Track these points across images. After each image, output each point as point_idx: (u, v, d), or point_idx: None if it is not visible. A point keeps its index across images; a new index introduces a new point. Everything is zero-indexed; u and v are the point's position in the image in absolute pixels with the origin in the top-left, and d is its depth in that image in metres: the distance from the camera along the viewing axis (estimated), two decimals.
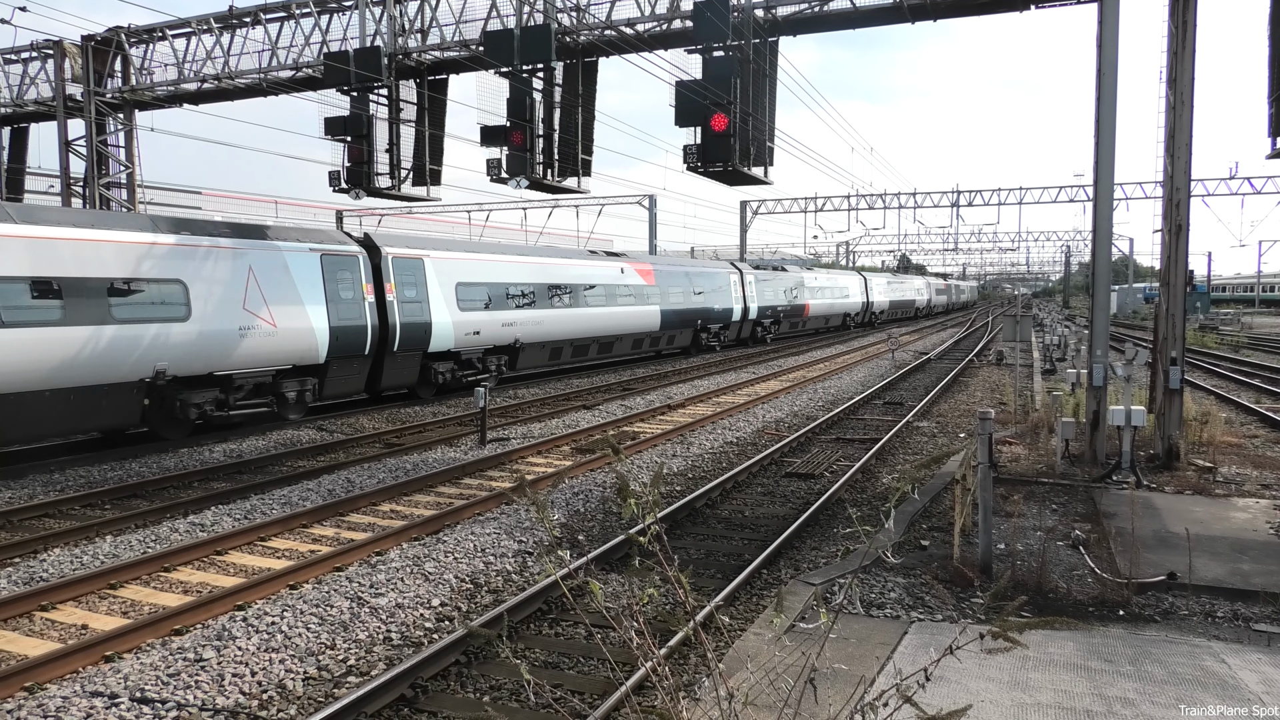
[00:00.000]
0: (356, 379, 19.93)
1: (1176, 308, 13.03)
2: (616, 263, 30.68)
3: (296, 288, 18.06)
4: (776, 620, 3.64)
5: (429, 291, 21.55)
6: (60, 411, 14.07)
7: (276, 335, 17.46)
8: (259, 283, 17.32)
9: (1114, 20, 12.52)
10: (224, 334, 16.46)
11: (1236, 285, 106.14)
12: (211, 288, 16.38)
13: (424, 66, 19.43)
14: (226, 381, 16.77)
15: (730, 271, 39.49)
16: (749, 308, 40.30)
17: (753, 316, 40.92)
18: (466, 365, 23.16)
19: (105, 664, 6.81)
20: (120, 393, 14.84)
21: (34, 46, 23.59)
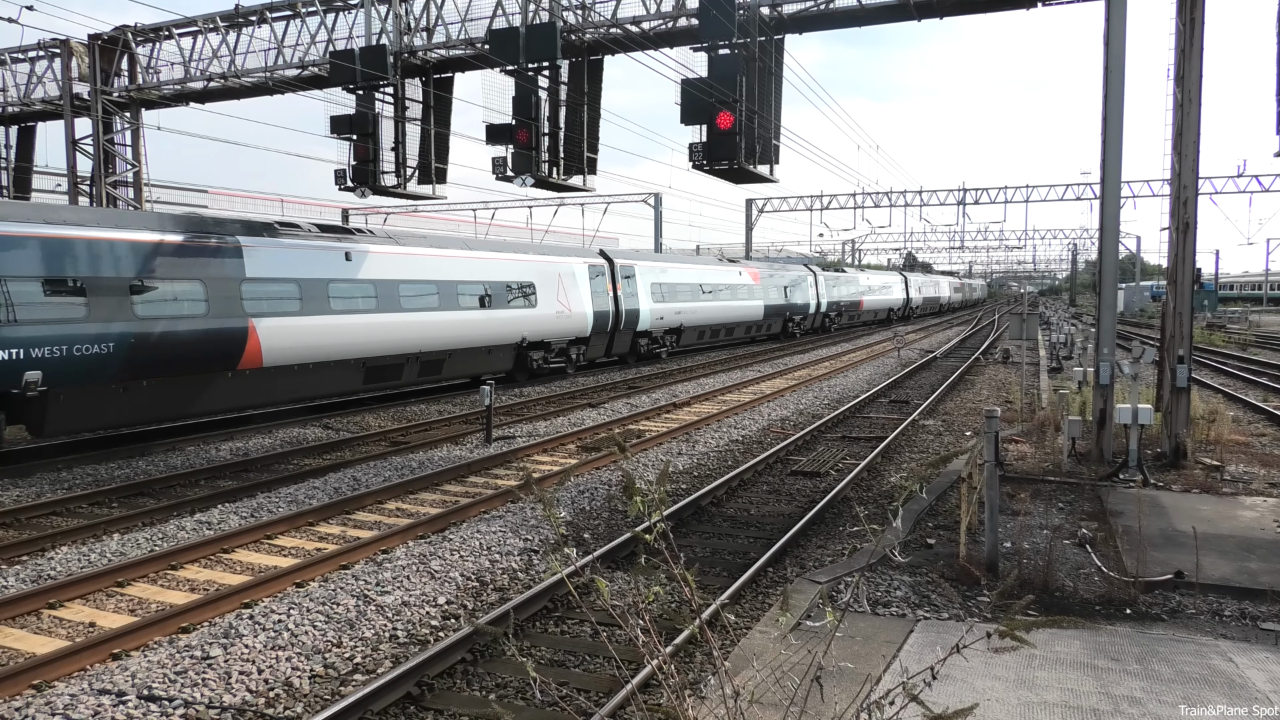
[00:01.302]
0: (600, 347, 28.83)
1: (1184, 306, 12.99)
2: (736, 267, 40.11)
3: (579, 288, 26.96)
4: (782, 618, 3.64)
5: (639, 289, 30.39)
6: (487, 359, 23.44)
7: (570, 317, 26.28)
8: (563, 285, 26.16)
9: (1122, 18, 12.48)
10: (550, 316, 25.45)
11: (1244, 283, 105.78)
12: (544, 287, 25.29)
13: (429, 65, 19.45)
14: (548, 345, 25.73)
15: (808, 273, 47.96)
16: (821, 302, 48.97)
17: (823, 310, 49.60)
18: (655, 341, 32.08)
19: (113, 662, 6.83)
20: (508, 349, 24.16)
21: (41, 46, 23.69)
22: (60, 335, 13.61)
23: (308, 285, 17.72)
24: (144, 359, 14.75)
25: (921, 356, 34.00)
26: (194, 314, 15.60)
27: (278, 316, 16.95)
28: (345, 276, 18.65)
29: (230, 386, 16.41)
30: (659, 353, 32.51)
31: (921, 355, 34.75)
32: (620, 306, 28.94)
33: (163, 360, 15.04)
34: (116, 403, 14.72)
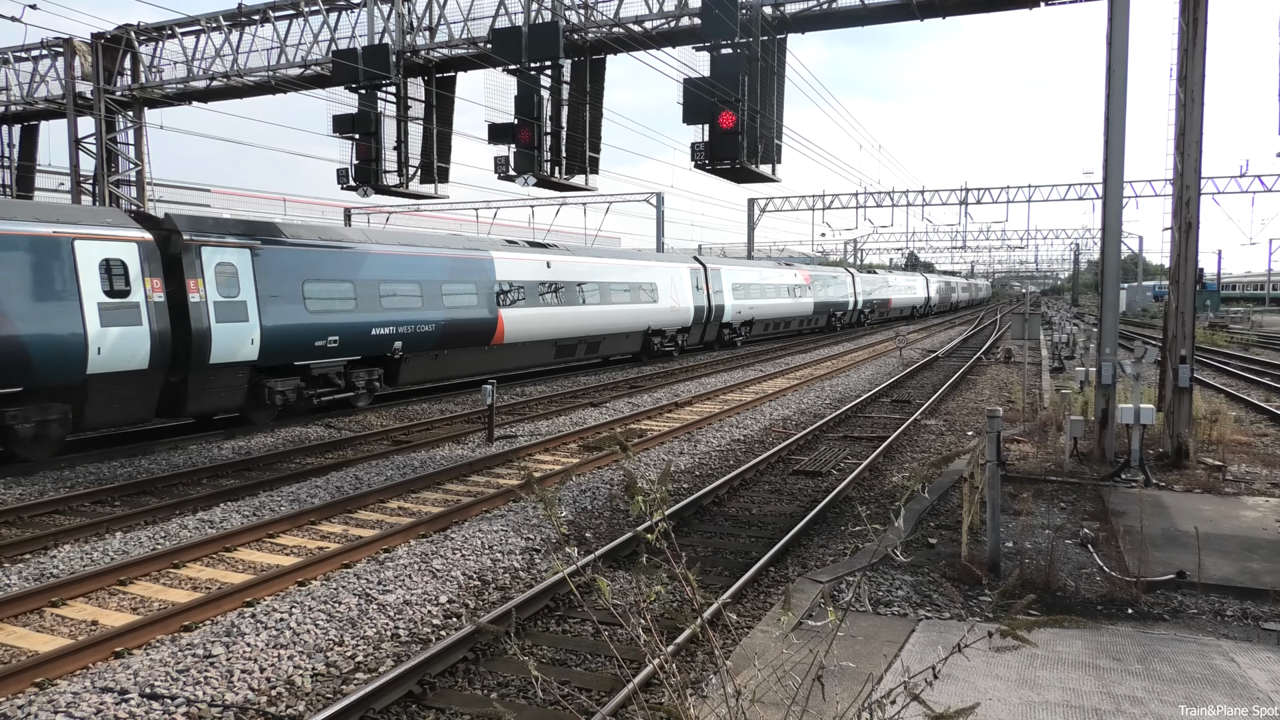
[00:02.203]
0: (697, 335, 35.22)
1: (1186, 306, 12.98)
2: (792, 270, 46.60)
3: (684, 287, 33.28)
4: (784, 618, 3.65)
5: (724, 288, 36.60)
6: (626, 341, 30.00)
7: (678, 311, 32.71)
8: (674, 284, 32.50)
9: (1124, 17, 12.47)
10: (667, 309, 31.76)
11: (1246, 283, 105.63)
12: (662, 287, 31.65)
13: (432, 64, 19.45)
14: (663, 332, 32.10)
15: (847, 274, 55.10)
16: (858, 300, 55.79)
17: (859, 307, 56.45)
18: (735, 331, 38.52)
19: (115, 660, 6.84)
20: (639, 335, 30.68)
21: (44, 44, 23.69)
22: (409, 320, 20.08)
23: (529, 286, 24.47)
24: (448, 336, 21.35)
25: (923, 356, 33.98)
26: (471, 306, 22.14)
27: (513, 308, 23.62)
28: (548, 279, 25.29)
29: (486, 356, 23.13)
30: (735, 340, 38.79)
31: (923, 355, 34.73)
32: (711, 302, 35.41)
33: (456, 337, 21.65)
34: (432, 365, 21.39)
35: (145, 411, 15.49)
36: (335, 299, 18.32)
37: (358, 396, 19.47)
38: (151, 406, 15.53)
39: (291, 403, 17.89)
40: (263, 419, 17.65)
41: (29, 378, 13.44)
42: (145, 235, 15.23)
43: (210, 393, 16.34)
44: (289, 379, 17.73)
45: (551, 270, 25.42)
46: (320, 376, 18.45)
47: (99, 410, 14.60)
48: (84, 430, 15.18)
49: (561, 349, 26.36)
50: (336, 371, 18.78)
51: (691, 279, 34.02)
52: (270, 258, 17.29)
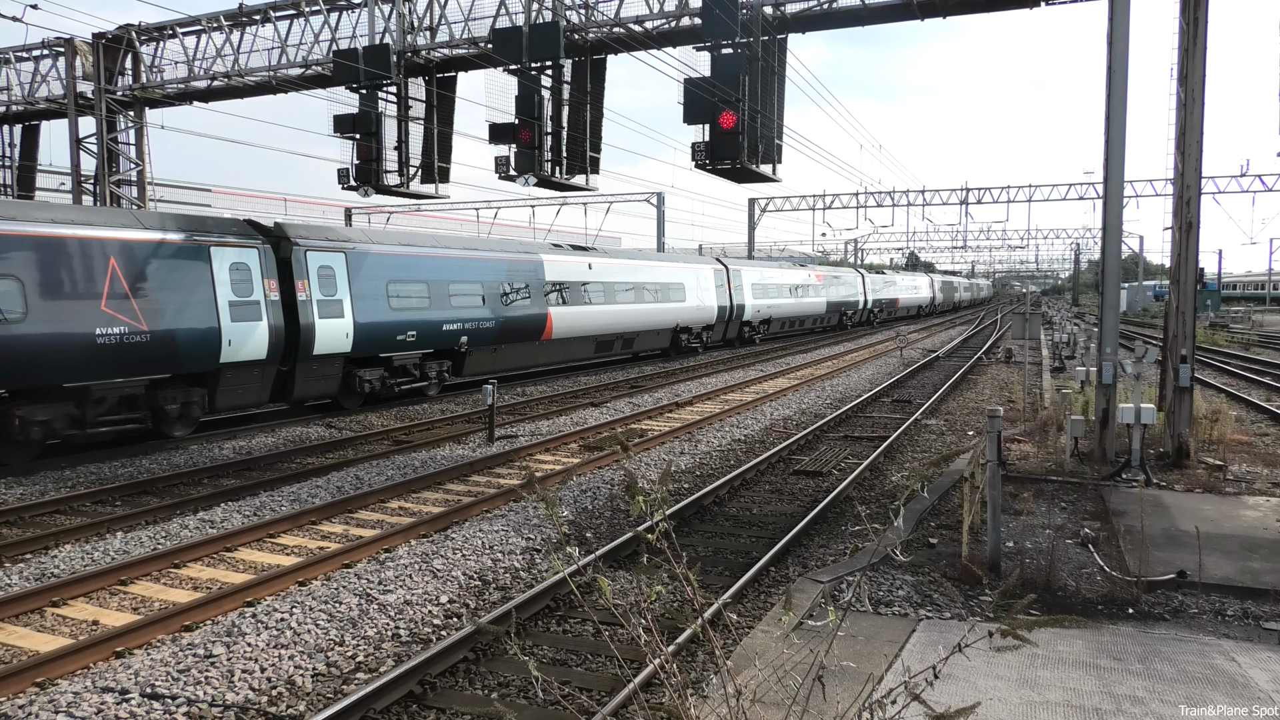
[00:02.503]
0: (720, 332, 37.45)
1: (1186, 305, 12.98)
2: (806, 270, 48.96)
3: (709, 287, 35.60)
4: (785, 618, 3.65)
5: (744, 288, 38.83)
6: (656, 338, 32.22)
7: (703, 310, 34.89)
8: (700, 285, 34.82)
9: (1125, 17, 12.46)
10: (693, 308, 33.98)
11: (1247, 283, 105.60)
12: (689, 287, 33.87)
13: (433, 64, 19.46)
14: (690, 330, 34.51)
15: (857, 275, 57.45)
16: (867, 300, 58.08)
17: (869, 306, 58.72)
18: (754, 328, 40.69)
19: (116, 660, 6.84)
20: (668, 332, 32.98)
21: (45, 44, 23.70)
22: (474, 317, 22.18)
23: (574, 286, 26.50)
24: (505, 332, 23.33)
25: (924, 356, 33.97)
26: (525, 304, 24.15)
27: (560, 306, 25.63)
28: (590, 280, 27.36)
29: (536, 350, 25.25)
30: (754, 337, 41.10)
31: (924, 355, 34.73)
32: (733, 301, 37.66)
33: (512, 332, 23.60)
34: (491, 358, 23.39)
35: (262, 396, 17.49)
36: (413, 298, 20.44)
37: (430, 385, 21.65)
38: (267, 392, 17.55)
39: (376, 390, 19.87)
40: (352, 404, 19.88)
41: (177, 366, 15.50)
42: (259, 241, 17.22)
43: (313, 380, 18.31)
44: (375, 369, 19.78)
45: (592, 271, 27.69)
46: (400, 367, 20.55)
47: (227, 394, 16.72)
48: (215, 412, 17.03)
49: (601, 344, 28.71)
50: (413, 363, 20.96)
51: (715, 280, 36.40)
52: (360, 261, 19.32)
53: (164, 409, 15.60)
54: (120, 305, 14.48)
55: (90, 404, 14.42)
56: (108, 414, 14.82)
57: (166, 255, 15.38)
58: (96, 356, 14.12)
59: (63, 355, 13.73)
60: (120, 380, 14.66)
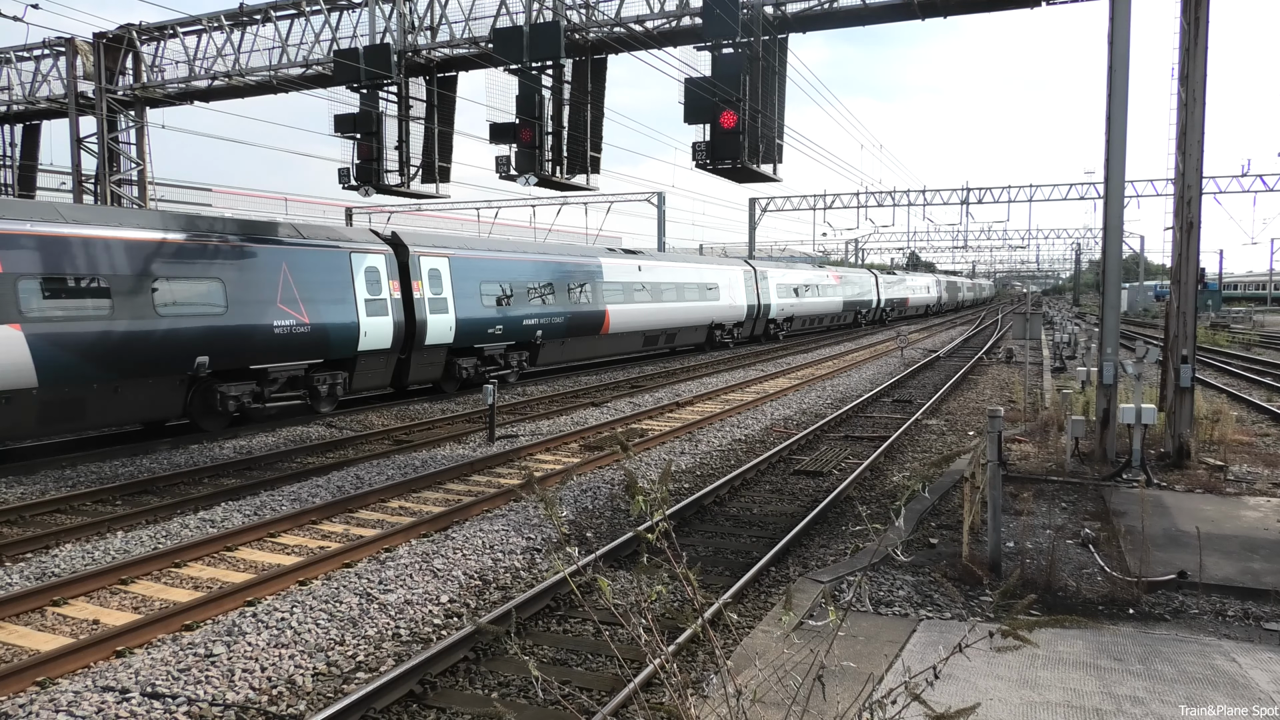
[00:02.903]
0: (748, 329, 40.44)
1: (1187, 305, 12.97)
2: (825, 271, 52.24)
3: (740, 287, 38.56)
4: (785, 618, 3.65)
5: (770, 287, 41.87)
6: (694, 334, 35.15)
7: (735, 308, 37.90)
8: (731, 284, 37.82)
9: (1126, 17, 12.46)
10: (726, 306, 37.09)
11: (1248, 283, 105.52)
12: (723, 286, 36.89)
13: (433, 64, 19.46)
14: (722, 326, 37.56)
15: (870, 275, 60.35)
16: (880, 299, 61.14)
17: (881, 305, 61.82)
18: (778, 325, 43.57)
19: (116, 659, 6.85)
20: (704, 328, 35.93)
21: (46, 44, 23.71)
22: (547, 313, 25.20)
23: (627, 286, 29.65)
24: (571, 327, 26.36)
25: (925, 356, 33.97)
26: (587, 302, 27.22)
27: (615, 304, 28.70)
28: (639, 281, 30.48)
29: (595, 343, 28.38)
30: (778, 334, 44.08)
31: (925, 355, 34.72)
32: (760, 300, 40.59)
33: (577, 327, 26.69)
34: (559, 349, 26.56)
35: (386, 379, 20.54)
36: (500, 296, 23.55)
37: (511, 373, 24.48)
38: (389, 376, 20.56)
39: (470, 376, 22.85)
40: (450, 388, 22.75)
41: (328, 352, 18.41)
42: (388, 248, 20.22)
43: (424, 367, 21.37)
44: (470, 358, 22.89)
45: (642, 273, 30.92)
46: (489, 356, 23.63)
47: (362, 377, 19.66)
48: (351, 393, 19.88)
49: (648, 339, 31.96)
50: (499, 353, 24.01)
51: (745, 280, 39.34)
52: (460, 264, 22.27)
53: (317, 389, 18.55)
54: (290, 303, 17.51)
55: (267, 383, 17.41)
56: (278, 392, 17.74)
57: (321, 261, 18.43)
58: (274, 344, 17.18)
59: (251, 343, 16.75)
60: (289, 364, 17.73)
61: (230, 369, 16.49)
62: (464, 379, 22.72)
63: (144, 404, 15.31)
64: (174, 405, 15.88)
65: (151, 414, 15.74)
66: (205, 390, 16.33)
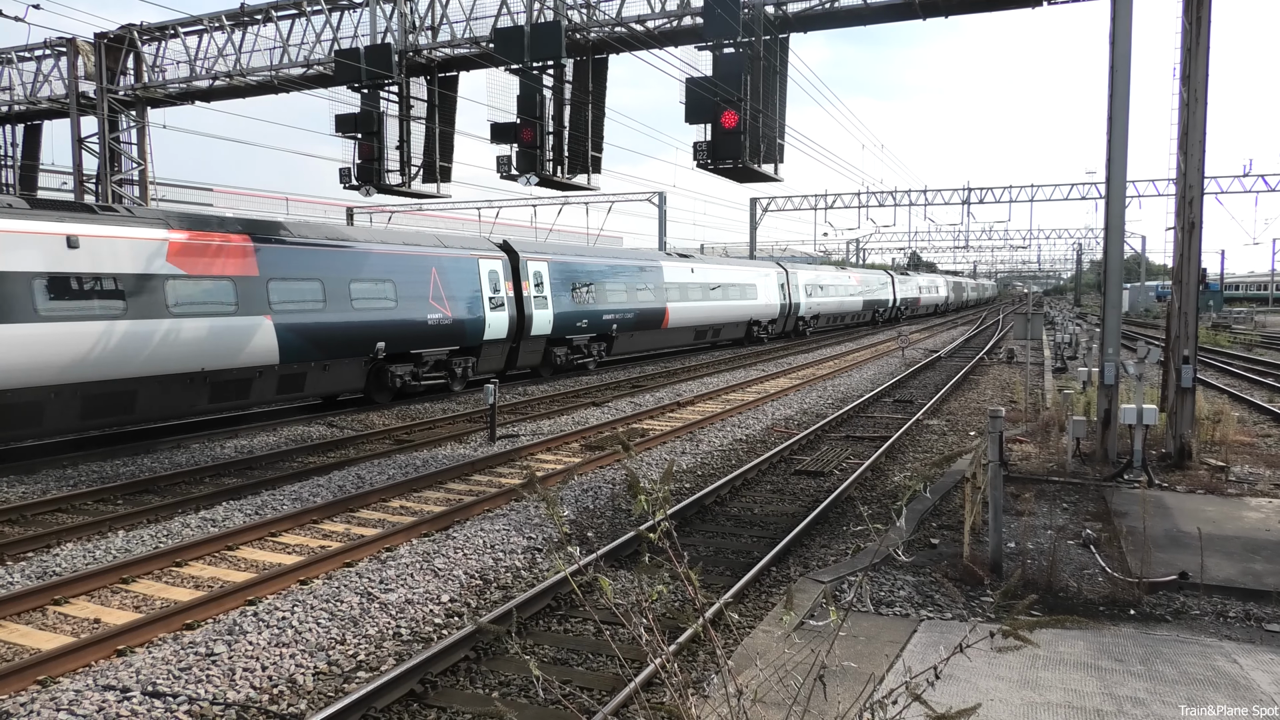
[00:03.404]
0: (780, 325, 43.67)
1: (1189, 306, 12.96)
2: (846, 272, 55.94)
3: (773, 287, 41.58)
4: (786, 618, 3.65)
5: (799, 287, 45.08)
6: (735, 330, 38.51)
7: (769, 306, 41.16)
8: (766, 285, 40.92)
9: (1127, 16, 12.45)
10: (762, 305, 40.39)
11: (1250, 283, 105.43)
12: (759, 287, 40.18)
13: (434, 64, 19.46)
14: (758, 323, 40.62)
15: (887, 276, 64.34)
16: (896, 299, 64.97)
17: (897, 304, 65.68)
18: (806, 323, 46.86)
19: (117, 658, 6.85)
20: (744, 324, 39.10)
21: (47, 44, 23.71)
22: (621, 309, 28.93)
23: (682, 286, 33.25)
24: (639, 321, 30.15)
25: (926, 356, 33.95)
26: (651, 300, 30.90)
27: (673, 302, 32.36)
28: (692, 281, 34.18)
29: (656, 336, 32.10)
30: (805, 330, 47.03)
31: (926, 355, 34.70)
32: (790, 299, 43.86)
33: (644, 322, 30.41)
34: (630, 341, 30.31)
35: (500, 364, 24.28)
36: (586, 293, 27.23)
37: (591, 360, 28.30)
38: (504, 362, 24.34)
39: (562, 363, 26.68)
40: (546, 373, 26.56)
41: (463, 341, 22.20)
42: (504, 255, 24.12)
43: (529, 354, 25.20)
44: (562, 347, 26.63)
45: (694, 274, 34.58)
46: (577, 346, 27.42)
47: (485, 362, 23.41)
48: (477, 374, 23.10)
49: (698, 333, 35.57)
50: (584, 343, 27.73)
51: (777, 281, 42.65)
52: (555, 267, 26.01)
53: (454, 370, 22.30)
54: (438, 300, 21.25)
55: (421, 365, 21.14)
56: (428, 373, 21.48)
57: (458, 265, 22.21)
58: (427, 334, 20.91)
59: (412, 332, 20.44)
60: (436, 350, 21.47)
61: (397, 353, 20.21)
62: (557, 365, 26.48)
63: (341, 379, 19.08)
64: (358, 381, 19.64)
65: (343, 387, 19.45)
66: (379, 370, 20.03)
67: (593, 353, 28.32)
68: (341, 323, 18.54)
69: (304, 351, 17.71)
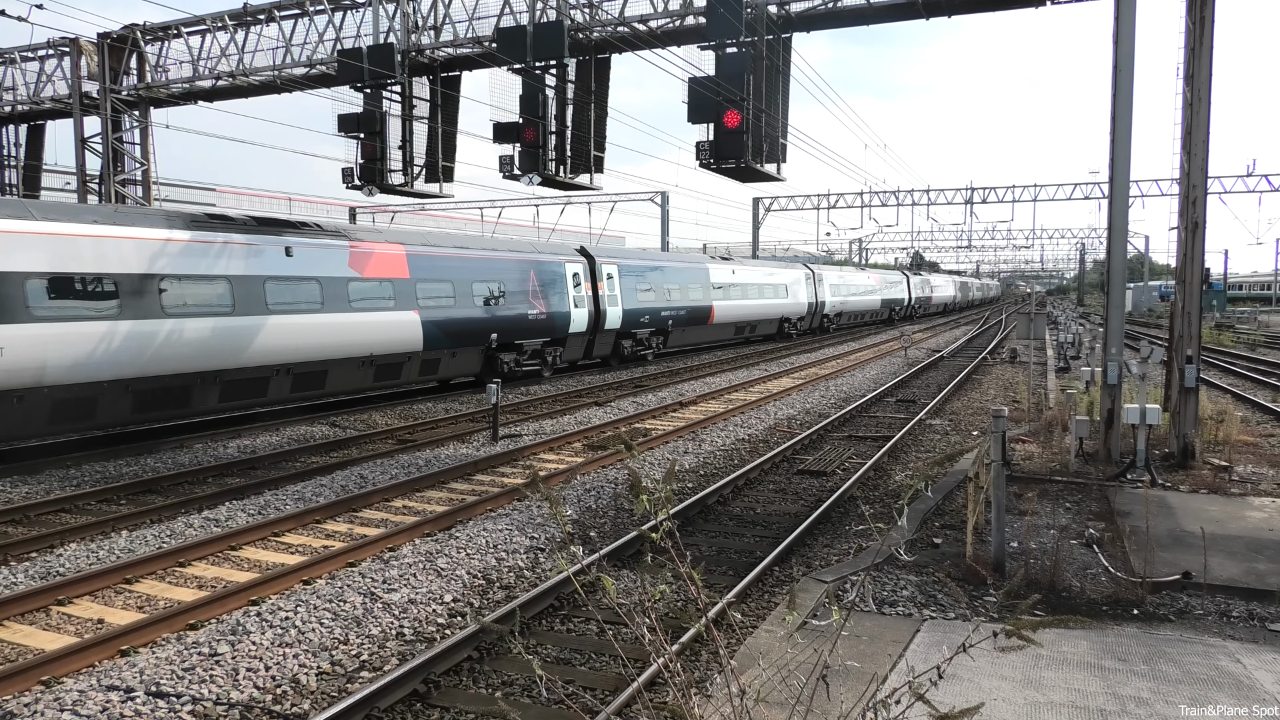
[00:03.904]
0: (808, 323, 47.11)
1: (1192, 305, 12.95)
2: (865, 273, 60.49)
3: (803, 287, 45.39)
4: (789, 617, 3.64)
5: (826, 287, 48.60)
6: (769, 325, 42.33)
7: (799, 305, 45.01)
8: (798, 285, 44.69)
9: (1131, 16, 12.43)
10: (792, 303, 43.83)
11: (1253, 283, 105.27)
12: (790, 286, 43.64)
13: (437, 63, 19.48)
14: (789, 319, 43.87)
15: (902, 276, 69.11)
16: (911, 298, 69.39)
17: (912, 303, 70.22)
18: (831, 320, 50.24)
19: (121, 658, 6.86)
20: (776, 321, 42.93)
21: (50, 44, 23.76)
22: (675, 306, 32.39)
23: (725, 286, 36.74)
24: (690, 318, 33.71)
25: (928, 356, 33.93)
26: (700, 299, 34.41)
27: (718, 300, 35.89)
28: (733, 281, 37.67)
29: (703, 331, 35.45)
30: (829, 327, 50.38)
31: (928, 355, 34.67)
32: (818, 299, 47.31)
33: (694, 318, 34.03)
34: (681, 335, 33.78)
35: (580, 354, 28.06)
36: (648, 293, 30.95)
37: (650, 351, 31.76)
38: (582, 352, 27.98)
39: (628, 354, 30.37)
40: (615, 363, 30.11)
41: (553, 334, 25.70)
42: (584, 259, 27.69)
43: (602, 345, 28.83)
44: (628, 340, 30.21)
45: (735, 275, 38.13)
46: (640, 339, 30.91)
47: (569, 351, 27.08)
48: (563, 362, 27.04)
49: (738, 329, 39.05)
50: (646, 337, 31.18)
51: (806, 282, 45.93)
52: (624, 269, 29.70)
53: (546, 358, 25.78)
54: (535, 298, 24.73)
55: (522, 353, 24.55)
56: (528, 360, 24.96)
57: (550, 269, 25.70)
58: (528, 327, 24.46)
59: (517, 325, 24.00)
60: (534, 340, 24.94)
61: (505, 343, 23.68)
62: (624, 355, 30.29)
63: (464, 365, 22.77)
64: (476, 366, 23.22)
65: (465, 371, 23.07)
66: (490, 357, 23.44)
67: (651, 345, 31.73)
68: (467, 317, 22.15)
69: (440, 340, 21.25)
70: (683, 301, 33.04)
